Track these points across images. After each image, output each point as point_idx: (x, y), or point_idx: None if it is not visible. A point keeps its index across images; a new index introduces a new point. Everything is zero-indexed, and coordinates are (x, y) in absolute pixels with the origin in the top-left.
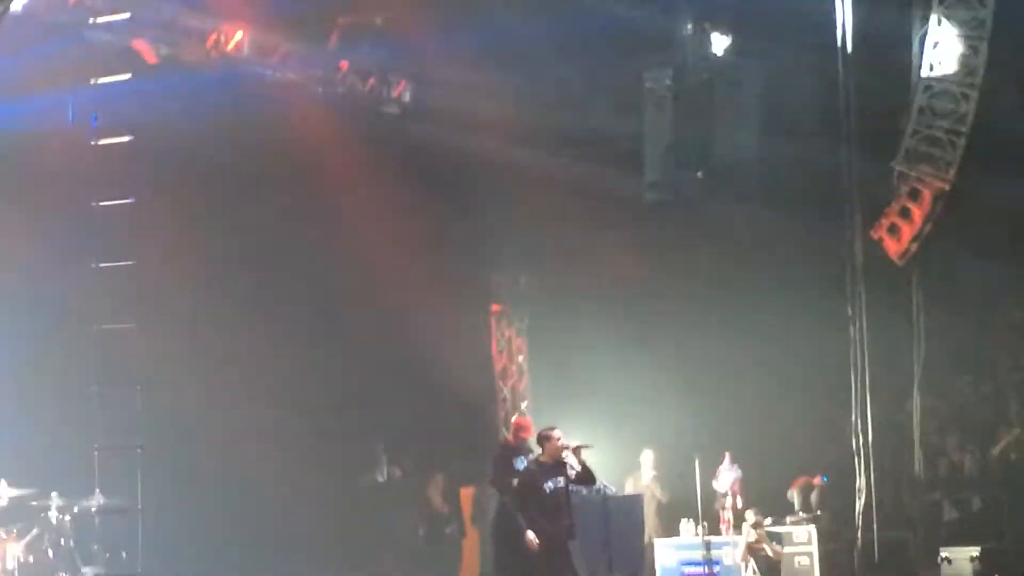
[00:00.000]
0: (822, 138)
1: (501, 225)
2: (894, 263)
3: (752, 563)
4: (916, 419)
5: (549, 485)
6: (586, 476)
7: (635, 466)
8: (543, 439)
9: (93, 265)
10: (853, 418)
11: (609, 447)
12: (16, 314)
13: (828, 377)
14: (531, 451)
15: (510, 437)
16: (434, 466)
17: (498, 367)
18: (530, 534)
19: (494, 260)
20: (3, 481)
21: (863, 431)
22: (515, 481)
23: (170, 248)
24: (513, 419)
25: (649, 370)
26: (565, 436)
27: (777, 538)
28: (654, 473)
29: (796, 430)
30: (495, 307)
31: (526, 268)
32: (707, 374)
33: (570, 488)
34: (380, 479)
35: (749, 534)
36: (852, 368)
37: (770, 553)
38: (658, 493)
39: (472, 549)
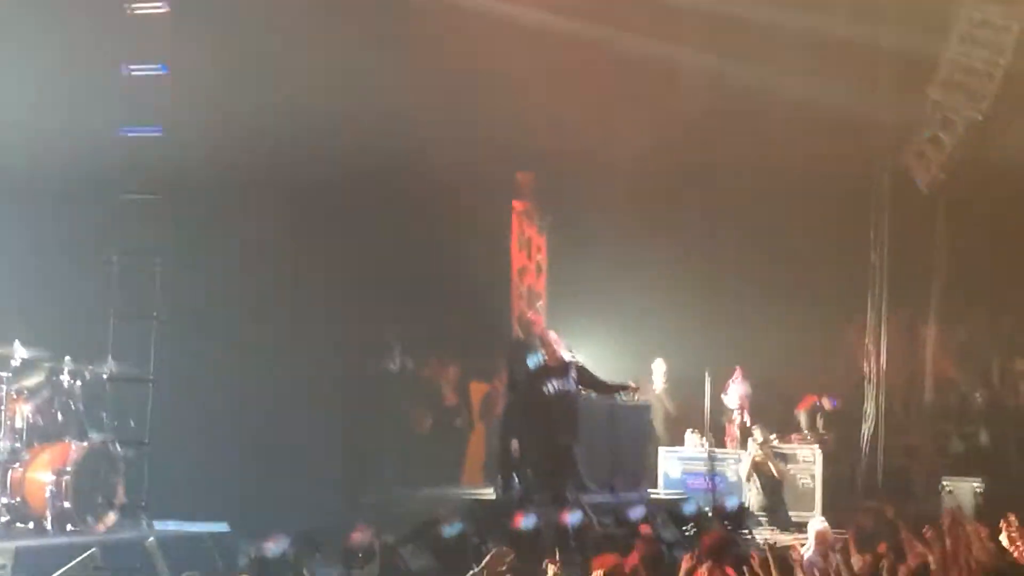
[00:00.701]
0: (857, 58)
1: (529, 124)
2: (921, 191)
3: (756, 480)
4: (930, 348)
5: (551, 387)
6: (591, 385)
7: (646, 374)
8: (543, 343)
9: (119, 133)
10: (867, 342)
11: (621, 353)
12: (36, 179)
13: (845, 300)
14: (545, 346)
15: (520, 333)
16: (446, 359)
17: (517, 265)
18: (515, 443)
19: (519, 158)
20: (17, 342)
21: (876, 356)
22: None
23: (202, 122)
24: (527, 315)
25: (667, 280)
26: (580, 337)
27: (781, 457)
28: (665, 383)
29: (809, 351)
30: (517, 204)
31: (550, 167)
32: (724, 288)
33: (578, 393)
34: (392, 368)
35: (755, 451)
36: (870, 293)
37: (774, 472)
38: (667, 404)
39: (478, 443)
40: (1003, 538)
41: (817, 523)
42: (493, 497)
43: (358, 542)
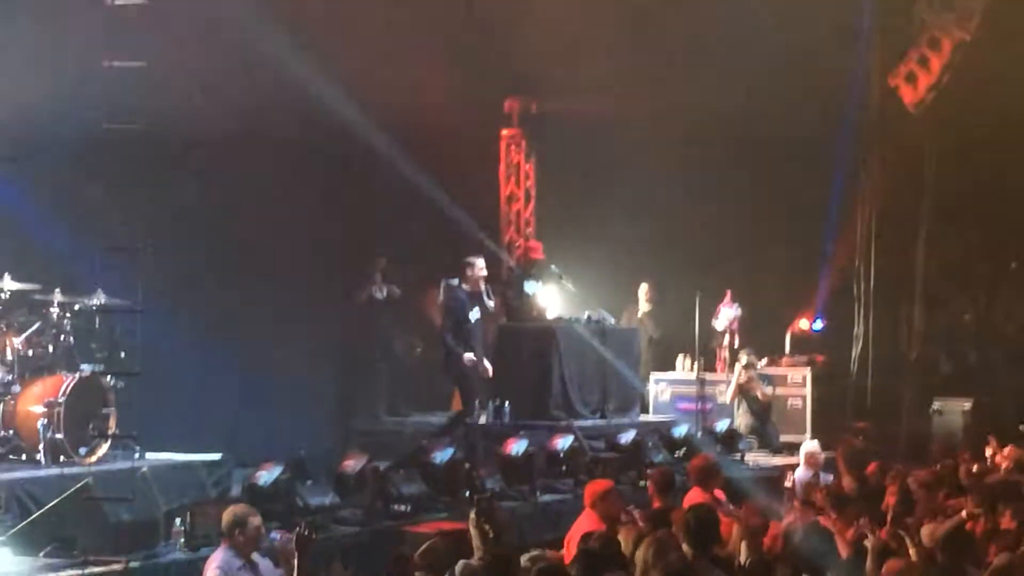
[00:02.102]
0: None
1: (518, 48)
2: (909, 111)
3: (744, 403)
4: (919, 268)
5: (473, 315)
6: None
7: (631, 299)
8: (465, 266)
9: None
10: (856, 264)
11: (608, 279)
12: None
13: (834, 221)
14: (535, 276)
15: (519, 260)
16: (434, 285)
17: (504, 191)
18: (468, 355)
19: (508, 84)
20: (7, 275)
21: (865, 278)
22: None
23: (189, 51)
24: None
25: (656, 204)
26: (571, 263)
27: (770, 380)
28: (648, 307)
29: (798, 273)
30: (505, 131)
31: (539, 94)
32: (713, 211)
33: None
34: (379, 296)
35: (740, 375)
36: (859, 213)
37: (759, 395)
38: (650, 328)
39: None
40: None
41: (807, 445)
42: (484, 423)
43: (350, 469)
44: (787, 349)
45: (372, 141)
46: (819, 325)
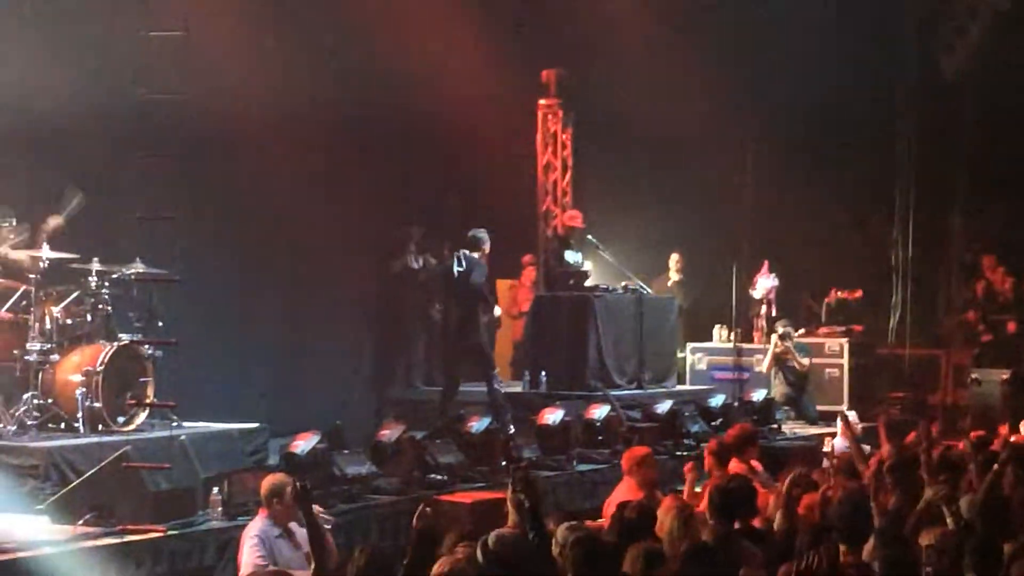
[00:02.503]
0: None
1: (554, 18)
2: (947, 81)
3: (780, 373)
4: (956, 238)
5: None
6: None
7: (663, 268)
8: (480, 241)
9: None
10: (894, 233)
11: (644, 248)
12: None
13: (872, 190)
14: (575, 244)
15: (560, 228)
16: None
17: (542, 161)
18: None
19: (544, 53)
20: (46, 245)
21: (903, 246)
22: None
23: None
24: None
25: (692, 175)
26: (607, 233)
27: (808, 350)
28: (678, 277)
29: (836, 243)
30: (542, 101)
31: (576, 64)
32: (750, 181)
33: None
34: (414, 265)
35: (776, 345)
36: (897, 184)
37: (796, 365)
38: (679, 298)
39: (506, 339)
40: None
41: (845, 415)
42: (520, 392)
43: (387, 439)
44: (830, 317)
45: (409, 110)
46: (855, 295)
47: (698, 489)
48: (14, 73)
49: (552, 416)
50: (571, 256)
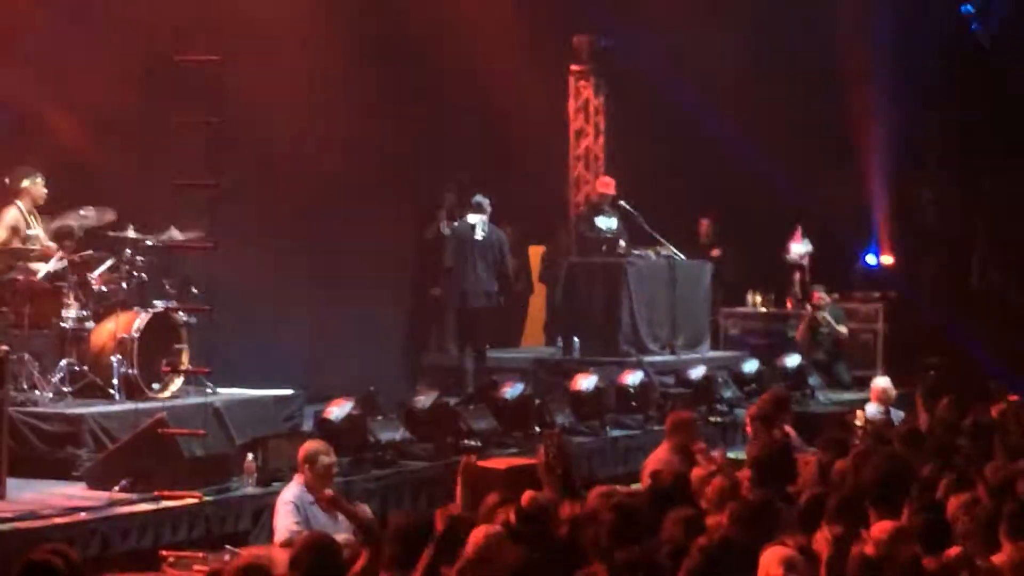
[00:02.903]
0: None
1: None
2: (983, 45)
3: (815, 338)
4: (988, 204)
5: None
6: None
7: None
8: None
9: None
10: (926, 197)
11: (676, 213)
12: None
13: (904, 155)
14: (608, 210)
15: (592, 194)
16: (504, 221)
17: (574, 127)
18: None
19: (575, 19)
20: (81, 211)
21: (935, 212)
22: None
23: None
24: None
25: (725, 139)
26: (640, 199)
27: (842, 317)
28: (707, 242)
29: (869, 207)
30: (574, 67)
31: (608, 28)
32: (784, 144)
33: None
34: (446, 232)
35: (811, 310)
36: (929, 148)
37: (833, 330)
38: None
39: (538, 306)
40: None
41: (878, 380)
42: (553, 358)
43: (420, 405)
44: (863, 282)
45: (442, 77)
46: (889, 260)
47: (731, 455)
48: (46, 41)
49: (585, 382)
50: (603, 222)
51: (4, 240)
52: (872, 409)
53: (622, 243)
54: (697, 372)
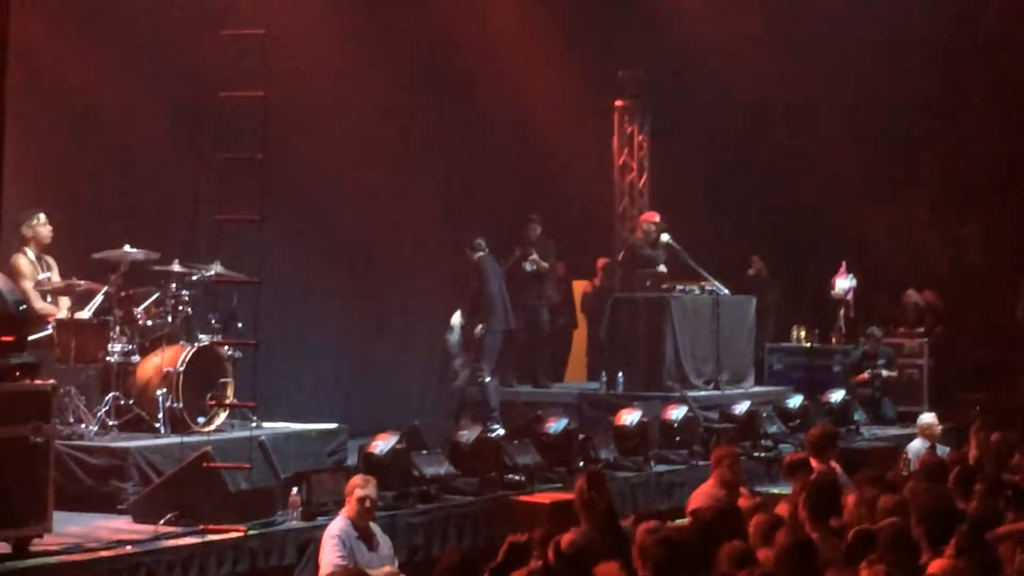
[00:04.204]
0: None
1: (629, 18)
2: None
3: (864, 374)
4: None
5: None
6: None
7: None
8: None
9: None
10: (970, 232)
11: (720, 250)
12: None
13: (949, 189)
14: (659, 243)
15: (638, 230)
16: (551, 256)
17: (618, 162)
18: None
19: (620, 54)
20: (127, 246)
21: (983, 246)
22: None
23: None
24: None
25: (768, 176)
26: (684, 234)
27: (892, 357)
28: (759, 276)
29: (914, 243)
30: (618, 102)
31: (652, 64)
32: (828, 181)
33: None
34: (530, 268)
35: (865, 345)
36: (975, 180)
37: (883, 369)
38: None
39: (581, 340)
40: None
41: (924, 416)
42: (597, 393)
43: (464, 439)
44: (909, 317)
45: (485, 113)
46: (933, 296)
47: (775, 490)
48: (91, 76)
49: (629, 417)
50: (651, 254)
51: (31, 285)
52: (918, 444)
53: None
54: (741, 407)
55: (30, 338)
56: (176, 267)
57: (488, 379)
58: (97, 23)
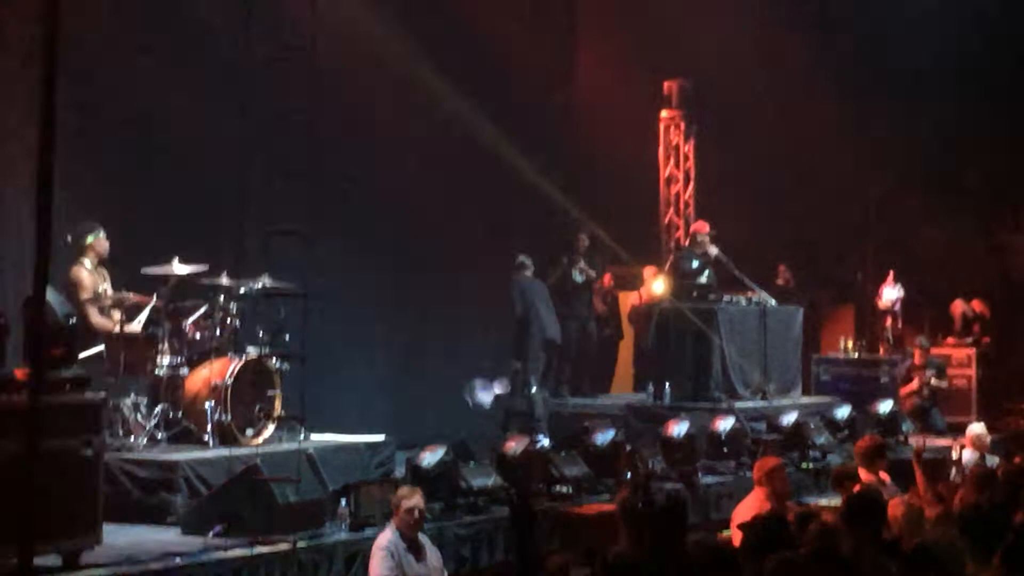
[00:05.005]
0: None
1: (674, 30)
2: None
3: (915, 384)
4: None
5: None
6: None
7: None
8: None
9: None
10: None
11: (761, 260)
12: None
13: (999, 198)
14: (705, 254)
15: (681, 241)
16: (600, 266)
17: (664, 173)
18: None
19: (664, 66)
20: (175, 259)
21: None
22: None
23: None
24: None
25: (817, 185)
26: (732, 244)
27: (942, 368)
28: (788, 284)
29: (963, 252)
30: (664, 112)
31: (697, 74)
32: (878, 193)
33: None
34: (580, 279)
35: (914, 357)
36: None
37: (930, 381)
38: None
39: (627, 351)
40: None
41: (973, 427)
42: (645, 404)
43: (512, 451)
44: (957, 327)
45: (534, 125)
46: (982, 306)
47: (823, 502)
48: (141, 90)
49: (677, 428)
50: (691, 264)
51: (90, 298)
52: (968, 455)
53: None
54: (789, 418)
55: (83, 354)
56: (224, 280)
57: (535, 390)
58: (150, 39)
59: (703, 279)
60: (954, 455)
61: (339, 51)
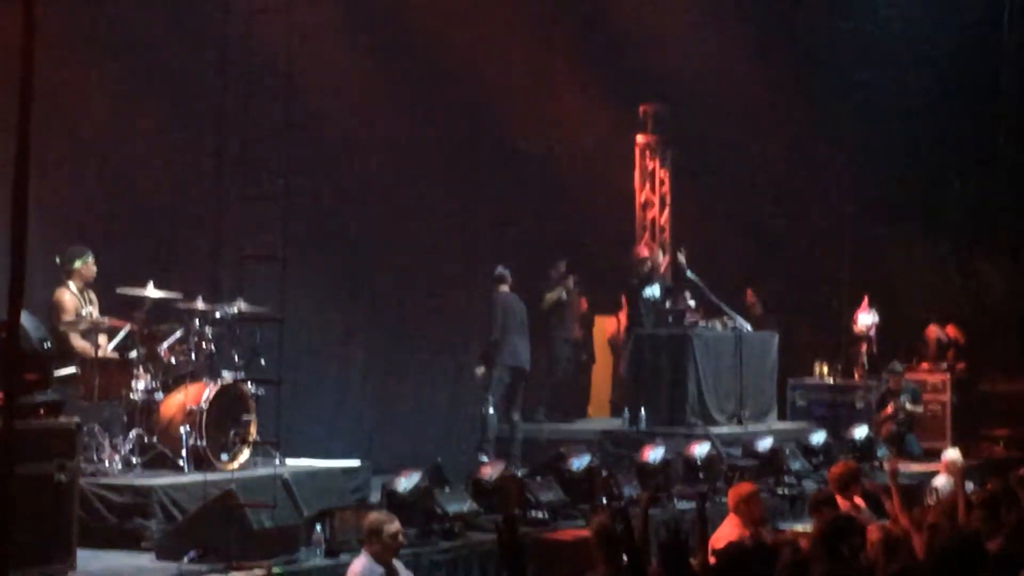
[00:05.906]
0: None
1: (650, 54)
2: None
3: (888, 410)
4: None
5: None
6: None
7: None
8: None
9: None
10: (992, 267)
11: (739, 281)
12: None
13: (973, 224)
14: (656, 280)
15: (661, 266)
16: (577, 291)
17: (640, 198)
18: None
19: (640, 90)
20: (150, 283)
21: (1004, 283)
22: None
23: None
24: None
25: (793, 210)
26: (707, 269)
27: (917, 394)
28: (758, 311)
29: (936, 278)
30: (640, 137)
31: (674, 100)
32: (851, 216)
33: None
34: (565, 298)
35: (890, 381)
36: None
37: (908, 404)
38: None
39: (599, 376)
40: None
41: (948, 452)
42: (620, 429)
43: (488, 476)
44: (931, 353)
45: (508, 148)
46: (956, 331)
47: (798, 527)
48: (114, 117)
49: (653, 453)
50: (648, 292)
51: (71, 322)
52: (942, 481)
53: (689, 314)
54: (764, 443)
55: (58, 374)
56: (199, 304)
57: (491, 411)
58: (120, 67)
59: (654, 302)
60: (934, 483)
61: (316, 78)
